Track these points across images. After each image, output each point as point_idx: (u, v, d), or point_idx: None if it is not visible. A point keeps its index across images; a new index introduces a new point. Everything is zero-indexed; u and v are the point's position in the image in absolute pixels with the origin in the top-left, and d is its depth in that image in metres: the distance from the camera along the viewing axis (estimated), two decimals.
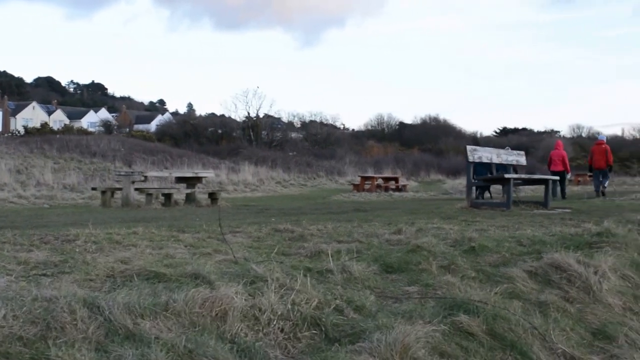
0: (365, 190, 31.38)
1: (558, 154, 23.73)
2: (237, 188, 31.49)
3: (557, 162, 23.49)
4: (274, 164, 44.55)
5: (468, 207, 14.21)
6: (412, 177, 49.54)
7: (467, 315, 4.52)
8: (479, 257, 6.52)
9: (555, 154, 23.81)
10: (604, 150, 23.01)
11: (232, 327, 3.90)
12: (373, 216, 11.67)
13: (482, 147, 16.48)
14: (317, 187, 38.72)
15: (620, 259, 6.95)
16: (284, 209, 15.28)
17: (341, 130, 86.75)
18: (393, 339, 3.86)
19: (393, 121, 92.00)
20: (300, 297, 4.40)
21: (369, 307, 4.59)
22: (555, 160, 23.60)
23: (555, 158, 23.68)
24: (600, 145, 23.42)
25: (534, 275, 6.00)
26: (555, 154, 23.84)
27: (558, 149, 24.02)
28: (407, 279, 5.62)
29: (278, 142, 64.50)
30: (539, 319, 4.97)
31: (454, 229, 8.75)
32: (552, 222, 10.50)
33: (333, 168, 49.88)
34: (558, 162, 23.48)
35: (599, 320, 5.42)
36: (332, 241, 7.47)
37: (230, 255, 5.88)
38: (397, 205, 17.83)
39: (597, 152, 23.10)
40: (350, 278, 5.35)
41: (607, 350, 4.96)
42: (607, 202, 17.72)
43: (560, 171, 22.97)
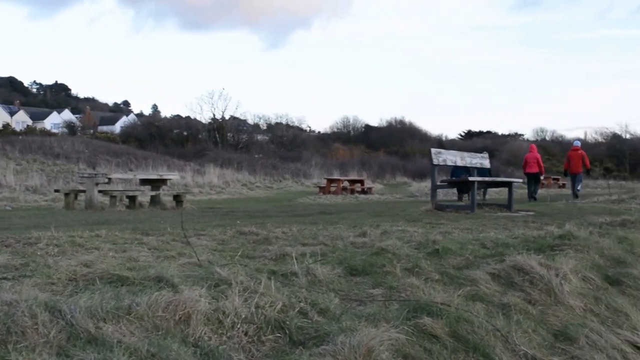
0: (331, 192, 31.42)
1: (533, 157, 24.55)
2: (202, 190, 31.37)
3: (533, 164, 24.33)
4: (239, 166, 44.42)
5: (433, 210, 14.28)
6: (378, 180, 49.65)
7: (431, 317, 4.53)
8: (443, 260, 6.54)
9: (530, 157, 24.62)
10: (580, 156, 24.21)
11: (196, 331, 3.88)
12: (338, 219, 11.69)
13: (446, 150, 16.58)
14: (283, 189, 38.71)
15: (582, 261, 7.03)
16: (249, 212, 15.25)
17: (307, 133, 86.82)
18: (357, 342, 3.86)
19: (359, 124, 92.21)
20: (265, 300, 4.38)
21: (334, 310, 4.58)
22: (531, 162, 24.41)
23: (530, 160, 24.48)
24: (577, 150, 24.52)
25: (497, 277, 6.03)
26: (530, 156, 24.66)
27: (532, 152, 24.89)
28: (372, 282, 5.63)
29: (244, 144, 64.37)
30: (502, 320, 5.00)
31: (418, 232, 8.79)
32: (515, 224, 10.60)
33: (299, 170, 49.86)
34: (533, 164, 24.32)
35: (561, 322, 5.46)
36: (297, 244, 7.47)
37: (195, 258, 5.85)
38: (363, 208, 17.87)
39: (574, 157, 24.21)
40: (314, 281, 5.34)
41: (568, 352, 5.01)
42: (570, 205, 17.91)
43: (535, 173, 24.20)
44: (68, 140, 46.69)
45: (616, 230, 9.49)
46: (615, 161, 71.71)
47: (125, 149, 47.43)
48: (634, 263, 7.53)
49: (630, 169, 71.10)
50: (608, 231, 9.34)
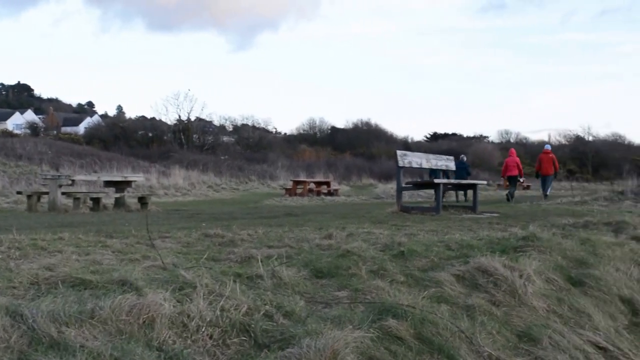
0: (298, 194, 31.44)
1: (513, 161, 25.82)
2: (167, 192, 31.23)
3: (513, 168, 25.57)
4: (205, 168, 44.28)
5: (398, 212, 14.32)
6: (344, 182, 49.76)
7: (396, 319, 4.54)
8: (408, 262, 6.56)
9: (511, 161, 25.89)
10: (550, 159, 25.49)
11: (160, 335, 3.85)
12: (304, 221, 11.68)
13: (412, 152, 16.61)
14: (249, 191, 38.66)
15: (545, 262, 7.08)
16: (215, 214, 15.19)
17: (273, 134, 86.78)
18: (322, 345, 3.85)
19: (325, 125, 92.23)
20: (230, 303, 4.37)
21: (299, 313, 4.57)
22: (511, 166, 25.67)
23: (510, 164, 25.74)
24: (547, 154, 25.78)
25: (461, 279, 6.06)
26: (511, 160, 25.93)
27: (512, 156, 26.20)
28: (337, 284, 5.63)
29: (210, 146, 64.20)
30: (466, 322, 5.02)
31: (384, 234, 8.81)
32: (480, 226, 10.66)
33: (265, 172, 49.82)
34: (513, 168, 25.56)
35: (524, 323, 5.49)
36: (263, 246, 7.45)
37: (159, 261, 5.81)
38: (329, 210, 17.88)
39: (545, 160, 25.57)
40: (280, 283, 5.33)
41: (532, 352, 5.04)
42: (534, 207, 18.03)
43: (515, 175, 25.50)
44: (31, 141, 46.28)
45: (579, 232, 9.58)
46: (578, 163, 72.41)
47: (89, 150, 47.12)
48: (596, 264, 7.60)
49: (593, 170, 71.86)
50: (571, 233, 9.42)
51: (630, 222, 11.01)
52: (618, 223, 10.95)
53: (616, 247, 8.76)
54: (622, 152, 74.13)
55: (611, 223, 10.99)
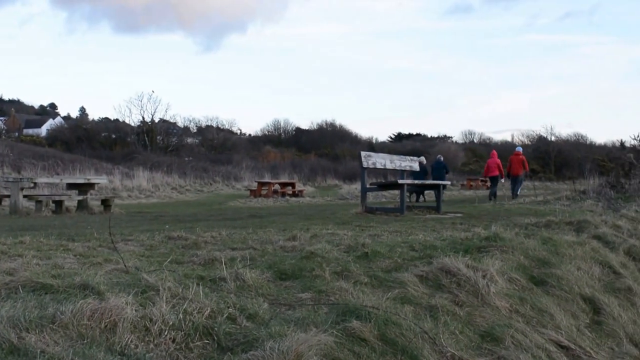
0: (262, 195, 31.38)
1: (494, 162, 27.07)
2: (131, 194, 31.02)
3: (494, 169, 26.86)
4: (169, 170, 44.05)
5: (363, 213, 14.33)
6: (309, 183, 49.77)
7: (360, 321, 4.54)
8: (372, 263, 6.57)
9: (492, 162, 27.14)
10: (520, 160, 26.69)
11: (122, 339, 3.82)
12: (269, 222, 11.66)
13: (376, 153, 16.64)
14: (214, 192, 38.51)
15: (508, 262, 7.14)
16: (178, 216, 15.13)
17: (238, 136, 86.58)
18: (286, 347, 3.84)
19: (290, 126, 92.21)
20: (193, 306, 4.35)
21: (262, 315, 4.56)
22: (492, 167, 26.93)
23: (492, 165, 26.98)
24: (518, 155, 27.02)
25: (425, 279, 6.08)
26: (492, 161, 27.18)
27: (494, 158, 27.39)
28: (301, 286, 5.62)
29: (174, 148, 63.95)
30: (430, 323, 5.04)
31: (348, 235, 8.82)
32: (443, 226, 10.71)
33: (230, 173, 49.70)
34: (494, 169, 26.85)
35: (487, 323, 5.53)
36: (227, 248, 7.44)
37: (122, 264, 5.77)
38: (294, 211, 17.86)
39: (515, 161, 26.71)
40: (243, 286, 5.31)
41: (495, 352, 5.07)
42: (497, 207, 18.14)
43: (496, 176, 26.82)
44: None
45: (541, 231, 9.65)
46: (541, 163, 72.89)
47: (51, 153, 46.61)
48: (558, 263, 7.67)
49: (556, 170, 72.41)
50: (533, 232, 9.50)
51: (592, 221, 11.13)
52: (580, 222, 11.06)
53: (578, 246, 8.85)
54: (584, 151, 74.75)
55: (573, 222, 11.10)
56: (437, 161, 29.26)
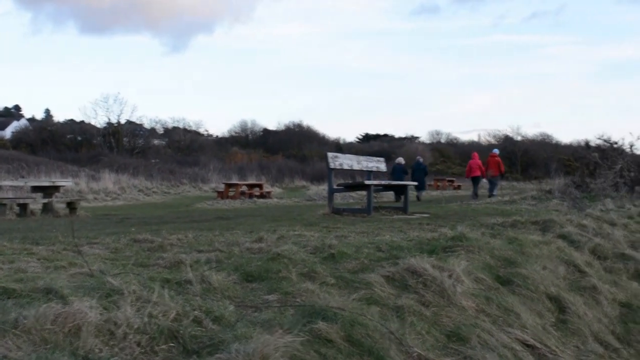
0: (230, 197, 31.33)
1: (475, 163, 28.47)
2: (97, 197, 30.83)
3: (476, 169, 28.25)
4: (136, 172, 43.78)
5: (330, 214, 14.34)
6: (277, 184, 49.72)
7: (326, 322, 4.53)
8: (339, 264, 6.57)
9: (474, 163, 28.52)
10: (496, 162, 28.30)
11: (86, 343, 3.78)
12: (235, 224, 11.64)
13: (343, 154, 16.66)
14: (181, 194, 38.39)
15: (474, 262, 7.17)
16: (145, 218, 15.05)
17: (205, 137, 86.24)
18: (252, 350, 3.83)
19: (257, 127, 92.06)
20: (158, 309, 4.31)
21: (228, 318, 4.54)
22: (474, 168, 28.31)
23: (474, 166, 28.38)
24: (494, 157, 28.64)
25: (391, 280, 6.08)
26: (474, 163, 28.55)
27: (475, 159, 28.76)
28: (267, 288, 5.61)
29: (140, 149, 63.62)
30: (396, 323, 5.04)
31: (315, 236, 8.81)
32: (410, 227, 10.73)
33: (197, 175, 49.52)
34: (476, 169, 28.25)
35: (453, 323, 5.54)
36: (193, 251, 7.40)
37: (86, 268, 5.72)
38: (261, 213, 17.85)
39: (492, 163, 28.33)
40: (209, 288, 5.29)
41: (461, 352, 5.09)
42: (464, 207, 18.24)
43: (478, 176, 28.23)
44: None
45: (507, 231, 9.72)
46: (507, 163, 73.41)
47: (16, 155, 46.14)
48: (523, 263, 7.72)
49: (522, 170, 73.03)
50: (499, 232, 9.56)
51: (557, 221, 11.22)
52: (545, 222, 11.15)
53: (543, 246, 8.92)
54: (550, 151, 75.41)
55: (539, 222, 11.19)
56: (416, 162, 30.32)
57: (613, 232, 11.54)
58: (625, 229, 12.50)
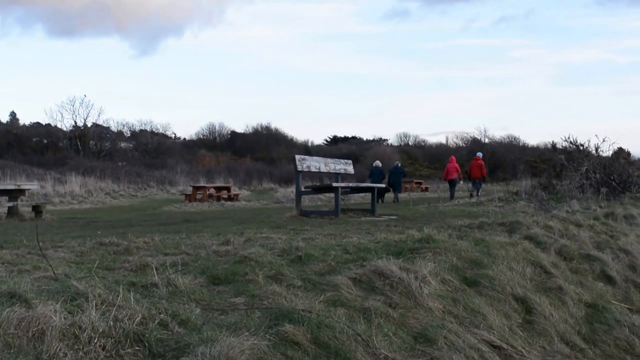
0: (197, 200, 31.26)
1: (453, 167, 30.03)
2: (63, 200, 30.60)
3: (453, 172, 29.90)
4: (102, 175, 43.52)
5: (297, 216, 14.35)
6: (245, 186, 49.70)
7: (293, 324, 4.52)
8: (306, 266, 6.56)
9: (451, 167, 30.09)
10: (479, 165, 29.86)
11: (50, 347, 3.75)
12: (203, 227, 11.60)
13: (310, 157, 16.68)
14: (148, 197, 38.21)
15: (441, 263, 7.19)
16: (111, 221, 14.95)
17: (172, 140, 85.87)
18: (217, 352, 3.81)
19: (225, 130, 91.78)
20: (123, 312, 4.28)
21: (195, 321, 4.52)
22: (452, 171, 29.96)
23: (451, 169, 30.00)
24: (477, 160, 30.26)
25: (358, 282, 6.08)
26: (451, 166, 30.11)
27: (452, 163, 30.32)
28: (234, 290, 5.59)
29: (107, 152, 63.30)
30: (363, 325, 5.04)
31: (282, 238, 8.81)
32: (378, 229, 10.75)
33: (164, 178, 49.35)
34: (453, 172, 29.89)
35: (420, 324, 5.55)
36: (159, 254, 7.37)
37: (50, 271, 5.67)
38: (229, 215, 17.80)
39: (474, 165, 29.93)
40: (176, 291, 5.26)
41: (428, 353, 5.09)
42: (431, 209, 18.31)
43: (454, 178, 29.85)
44: None
45: (474, 233, 9.76)
46: None
47: None
48: (490, 264, 7.75)
49: (489, 171, 73.46)
50: (466, 234, 9.60)
51: (524, 222, 11.29)
52: (512, 223, 11.21)
53: (510, 247, 8.96)
54: (517, 153, 76.04)
55: (505, 223, 11.25)
56: (395, 167, 31.23)
57: (579, 233, 11.61)
58: (591, 230, 12.58)
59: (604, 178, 21.96)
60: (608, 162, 23.03)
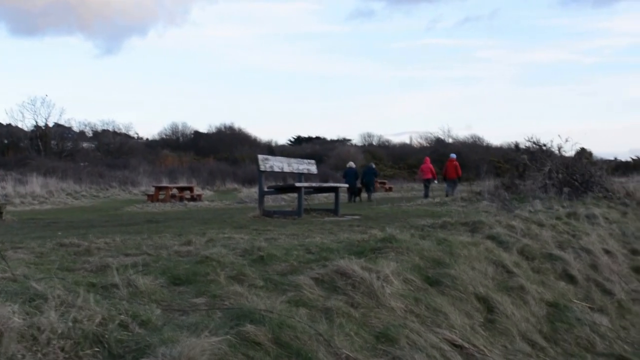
0: (160, 200, 31.09)
1: (427, 167, 31.50)
2: (24, 201, 30.30)
3: (427, 172, 31.38)
4: (64, 175, 43.12)
5: (260, 216, 14.33)
6: (208, 187, 49.52)
7: (254, 324, 4.51)
8: (268, 266, 6.55)
9: (425, 167, 31.59)
10: (454, 166, 30.42)
11: (8, 350, 3.70)
12: (165, 227, 11.55)
13: (273, 157, 16.69)
14: (111, 198, 37.94)
15: (403, 263, 7.21)
16: (72, 222, 14.83)
17: (135, 140, 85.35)
18: (178, 353, 3.79)
19: (188, 130, 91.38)
20: (83, 314, 4.24)
21: (155, 321, 4.49)
22: (426, 171, 31.46)
23: (425, 170, 31.48)
24: (452, 162, 30.76)
25: (320, 282, 6.08)
26: (425, 167, 31.61)
27: (427, 163, 31.76)
28: (195, 291, 5.56)
29: (69, 153, 62.68)
30: (325, 325, 5.03)
31: (244, 239, 8.79)
32: (341, 229, 10.77)
33: (127, 178, 49.01)
34: (428, 172, 31.37)
35: (382, 324, 5.56)
36: (120, 255, 7.32)
37: (9, 272, 5.60)
38: (191, 215, 17.74)
39: (450, 166, 30.53)
40: (136, 292, 5.23)
41: (390, 352, 5.10)
42: (394, 208, 18.39)
43: (429, 179, 31.30)
44: None
45: (437, 232, 9.79)
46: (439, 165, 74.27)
47: None
48: (452, 264, 7.78)
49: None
50: (429, 233, 9.63)
51: (486, 222, 11.35)
52: (475, 223, 11.27)
53: (472, 247, 9.00)
54: (480, 153, 76.41)
55: (468, 223, 11.30)
56: (368, 167, 32.79)
57: (541, 233, 11.71)
58: (553, 229, 12.69)
59: (567, 178, 22.13)
60: (571, 162, 23.18)
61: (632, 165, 59.46)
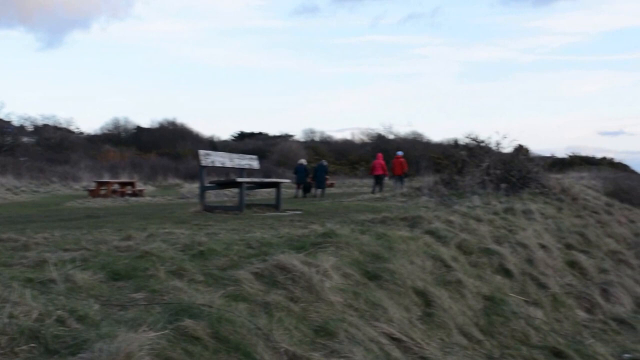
0: (101, 195, 30.78)
1: (379, 163, 31.67)
2: None
3: (378, 168, 31.48)
4: (3, 170, 42.42)
5: (201, 211, 14.30)
6: (150, 182, 49.09)
7: (193, 319, 4.52)
8: (208, 261, 6.56)
9: (377, 163, 31.77)
10: (400, 163, 31.27)
11: None
12: (105, 222, 11.46)
13: (215, 152, 16.67)
14: (51, 193, 37.43)
15: (343, 258, 7.27)
16: (11, 217, 14.64)
17: (76, 135, 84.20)
18: (116, 348, 3.79)
19: (130, 125, 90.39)
20: (19, 309, 4.22)
21: (93, 317, 4.48)
22: (377, 167, 31.58)
23: (377, 166, 31.66)
24: (399, 159, 31.59)
25: (260, 277, 6.11)
26: (377, 163, 31.81)
27: (379, 160, 31.95)
28: (135, 286, 5.55)
29: (8, 147, 61.62)
30: (264, 319, 5.07)
31: (185, 234, 8.78)
32: (282, 224, 10.80)
33: (67, 173, 48.39)
34: (379, 168, 31.46)
35: (321, 318, 5.62)
36: (58, 250, 7.25)
37: None
38: (132, 211, 17.63)
39: (396, 164, 31.34)
40: (74, 287, 5.21)
41: (328, 346, 5.16)
42: (335, 204, 18.46)
43: (380, 174, 31.35)
44: None
45: (376, 227, 9.88)
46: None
47: None
48: (391, 258, 7.86)
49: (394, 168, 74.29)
50: (369, 228, 9.71)
51: (425, 217, 11.49)
52: (414, 218, 11.39)
53: (411, 241, 9.11)
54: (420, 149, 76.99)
55: (407, 218, 11.42)
56: (319, 164, 32.27)
57: (479, 228, 11.89)
58: (491, 224, 12.89)
59: (504, 174, 22.41)
60: (508, 159, 23.51)
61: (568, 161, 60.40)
